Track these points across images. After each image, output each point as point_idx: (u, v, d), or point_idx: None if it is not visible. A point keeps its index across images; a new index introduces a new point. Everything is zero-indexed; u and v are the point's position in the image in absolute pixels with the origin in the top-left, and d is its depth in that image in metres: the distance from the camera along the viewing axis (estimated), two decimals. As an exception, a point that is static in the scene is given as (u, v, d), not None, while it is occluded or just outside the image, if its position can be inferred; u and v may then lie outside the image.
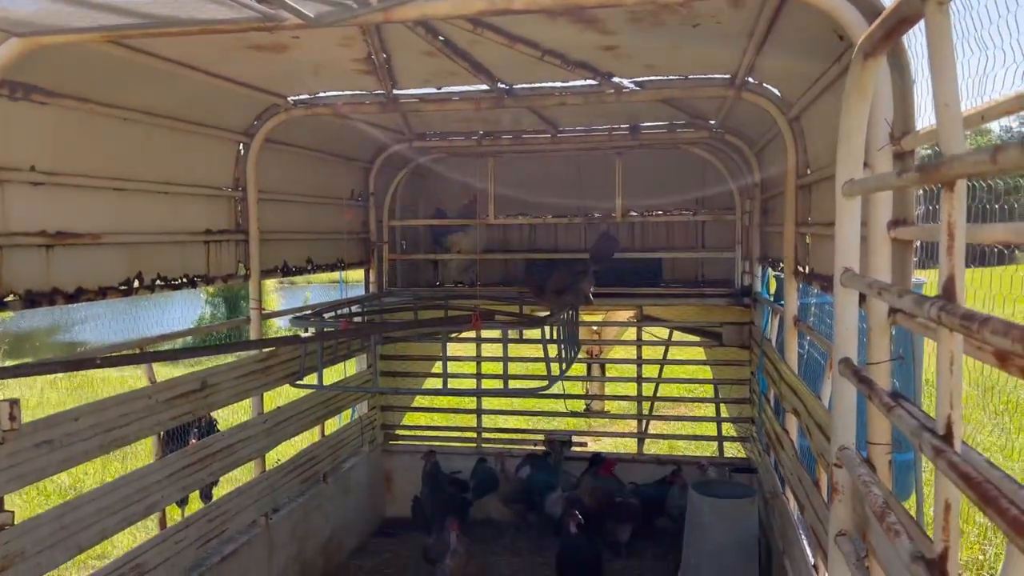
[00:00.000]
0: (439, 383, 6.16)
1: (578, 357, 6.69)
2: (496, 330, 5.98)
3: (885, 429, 2.58)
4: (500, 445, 8.20)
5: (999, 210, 5.04)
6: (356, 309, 7.14)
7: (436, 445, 8.07)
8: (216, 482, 6.57)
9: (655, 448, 8.98)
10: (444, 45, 4.24)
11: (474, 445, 8.22)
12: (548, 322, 5.33)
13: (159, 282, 4.75)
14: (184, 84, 4.50)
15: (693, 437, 9.11)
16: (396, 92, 5.25)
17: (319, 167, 6.83)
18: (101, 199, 4.30)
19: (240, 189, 5.61)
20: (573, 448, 8.02)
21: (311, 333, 5.79)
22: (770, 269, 6.90)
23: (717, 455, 7.96)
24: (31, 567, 3.62)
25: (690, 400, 10.13)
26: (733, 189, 7.32)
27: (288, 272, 6.36)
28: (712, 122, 6.48)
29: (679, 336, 8.70)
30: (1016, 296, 5.57)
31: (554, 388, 5.85)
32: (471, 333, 7.33)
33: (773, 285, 7.36)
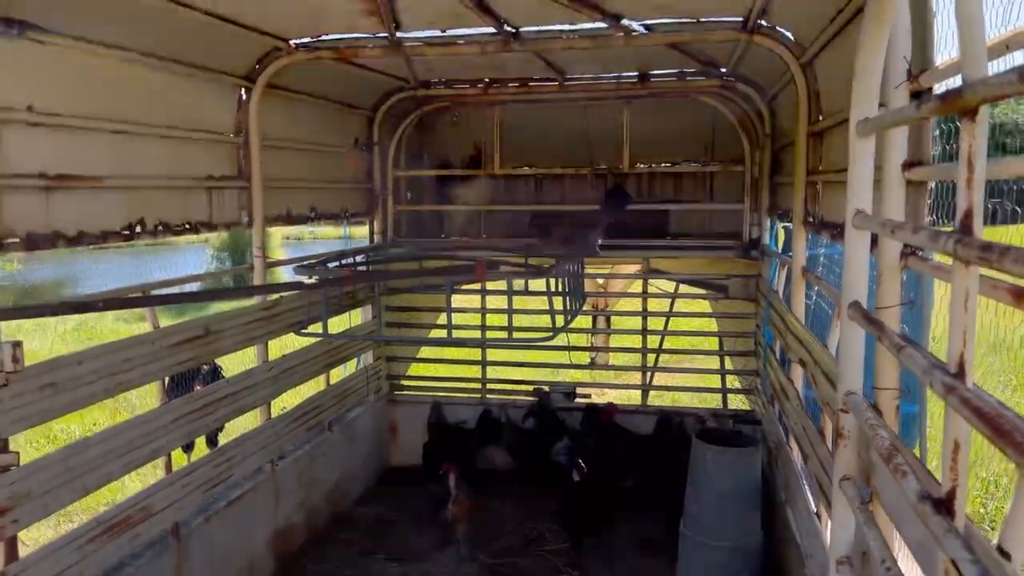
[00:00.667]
0: (444, 335, 6.16)
1: (583, 309, 6.66)
2: (501, 280, 5.95)
3: (893, 374, 2.55)
4: (504, 396, 8.24)
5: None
6: (360, 259, 7.11)
7: (441, 396, 8.12)
8: (222, 428, 6.64)
9: (659, 401, 9.00)
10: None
11: (479, 396, 8.26)
12: (553, 274, 5.29)
13: (161, 228, 4.72)
14: (183, 23, 4.40)
15: (697, 389, 9.11)
16: (400, 35, 5.14)
17: (322, 114, 6.73)
18: (102, 143, 4.24)
19: (243, 135, 5.54)
20: (577, 400, 8.06)
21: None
22: (779, 221, 6.82)
23: (721, 407, 7.98)
24: (37, 507, 3.67)
25: (694, 352, 10.13)
26: (743, 139, 7.20)
27: (291, 220, 6.31)
28: (723, 69, 6.34)
29: (685, 289, 8.67)
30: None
31: (559, 340, 5.83)
32: (476, 285, 7.31)
33: (782, 237, 7.29)
